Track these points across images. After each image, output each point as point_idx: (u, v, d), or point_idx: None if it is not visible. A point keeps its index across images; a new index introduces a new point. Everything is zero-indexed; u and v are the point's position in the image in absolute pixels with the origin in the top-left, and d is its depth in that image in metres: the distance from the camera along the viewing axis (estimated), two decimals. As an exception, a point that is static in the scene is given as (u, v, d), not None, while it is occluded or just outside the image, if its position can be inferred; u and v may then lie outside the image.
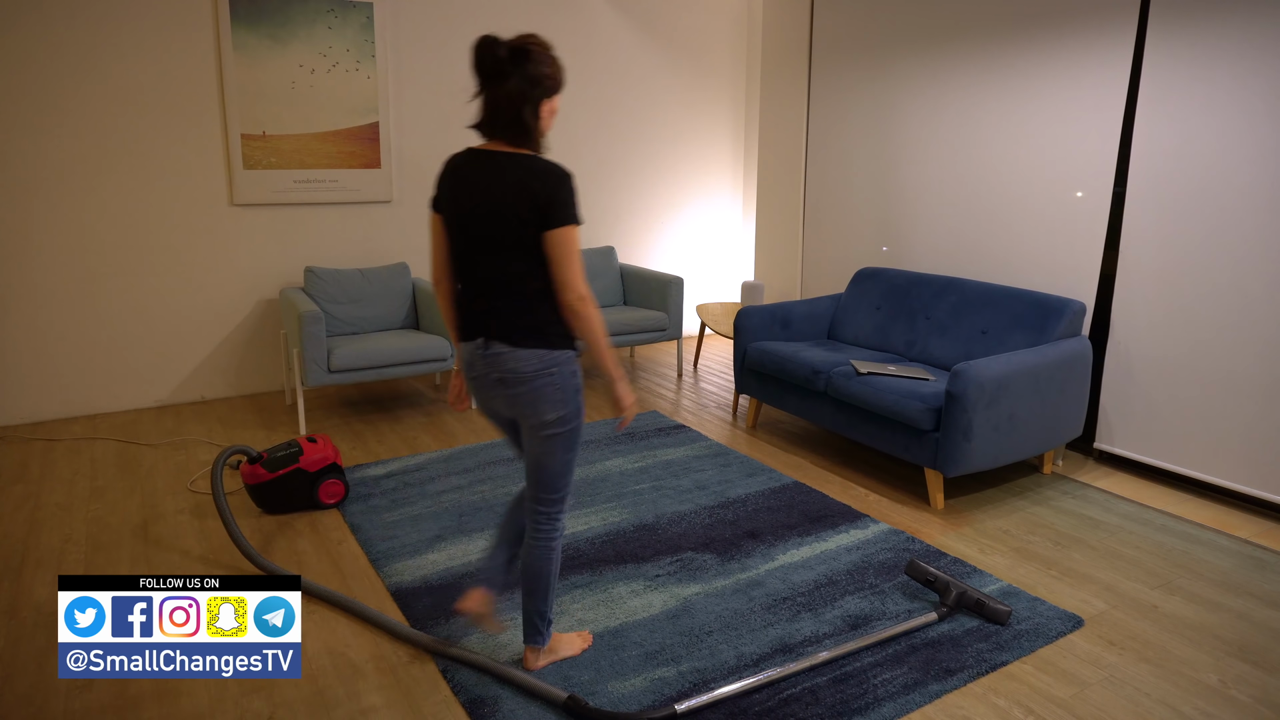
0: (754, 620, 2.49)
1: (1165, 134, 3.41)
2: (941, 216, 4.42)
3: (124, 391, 4.40)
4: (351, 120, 4.65)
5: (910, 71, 4.53)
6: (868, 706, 2.11)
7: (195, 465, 3.66)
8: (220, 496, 2.81)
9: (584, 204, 5.62)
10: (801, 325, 4.35)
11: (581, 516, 3.16)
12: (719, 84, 5.94)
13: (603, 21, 5.39)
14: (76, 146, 4.07)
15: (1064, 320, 3.52)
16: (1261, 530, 3.15)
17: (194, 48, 4.23)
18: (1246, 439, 3.26)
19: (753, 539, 3.00)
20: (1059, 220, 3.83)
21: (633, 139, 5.65)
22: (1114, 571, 2.83)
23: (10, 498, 3.31)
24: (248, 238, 4.53)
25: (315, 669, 2.26)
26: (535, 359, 1.96)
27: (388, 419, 4.31)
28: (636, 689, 2.17)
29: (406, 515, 3.17)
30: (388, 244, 4.91)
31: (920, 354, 3.96)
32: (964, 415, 3.11)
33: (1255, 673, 2.29)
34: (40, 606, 2.53)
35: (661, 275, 5.07)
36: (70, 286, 4.17)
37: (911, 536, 3.04)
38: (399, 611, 2.54)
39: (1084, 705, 2.15)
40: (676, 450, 3.85)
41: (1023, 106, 3.95)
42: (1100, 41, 3.60)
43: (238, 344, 4.63)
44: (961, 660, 2.31)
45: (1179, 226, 3.39)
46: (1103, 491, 3.50)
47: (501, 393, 2.02)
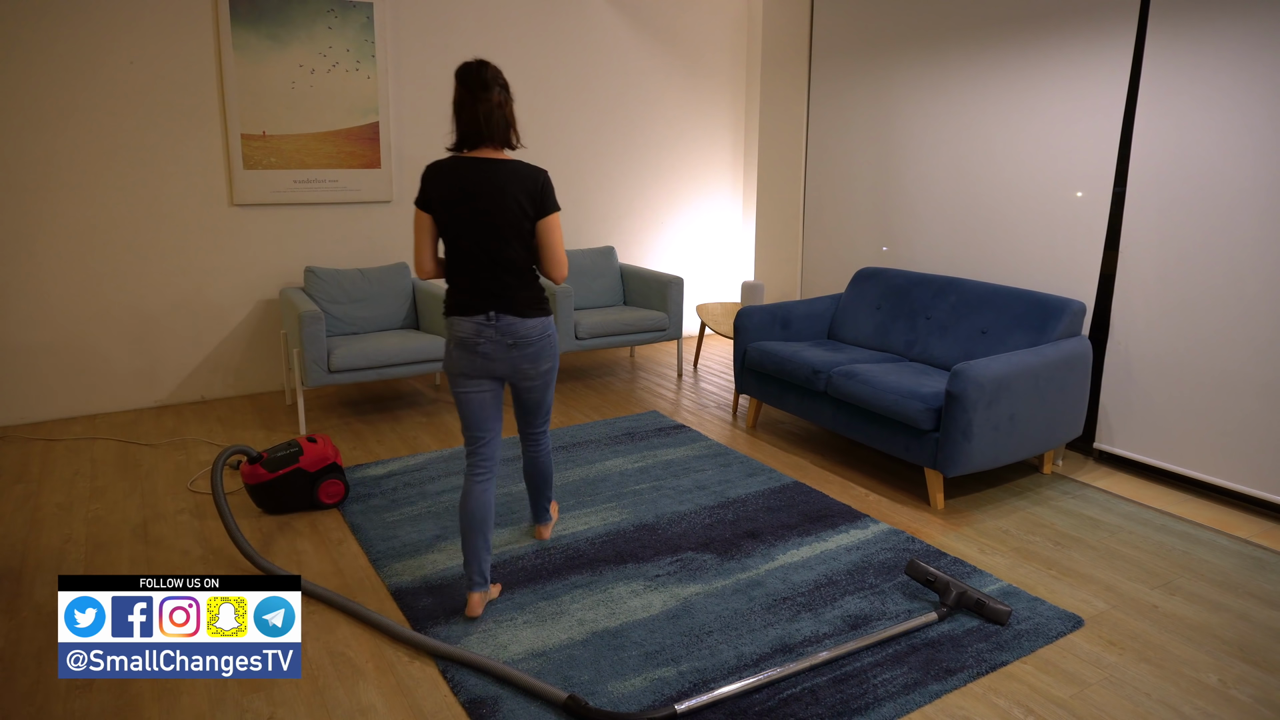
0: (754, 620, 2.49)
1: (1165, 134, 3.41)
2: (941, 216, 4.43)
3: (124, 391, 4.40)
4: (351, 120, 4.65)
5: (910, 71, 4.53)
6: (868, 706, 2.11)
7: (195, 465, 3.66)
8: (220, 496, 2.81)
9: (583, 204, 5.67)
10: (801, 325, 4.35)
11: (581, 516, 3.16)
12: (719, 84, 5.94)
13: (603, 21, 5.39)
14: (77, 146, 4.07)
15: (1064, 320, 3.52)
16: (1261, 530, 3.15)
17: (194, 48, 4.23)
18: (1246, 439, 3.26)
19: (753, 539, 3.00)
20: (1059, 220, 3.83)
21: (633, 139, 5.65)
22: (1114, 571, 2.83)
23: (10, 498, 3.31)
24: (248, 238, 4.53)
25: (315, 669, 2.26)
26: (540, 325, 2.47)
27: (388, 419, 4.31)
28: (636, 689, 2.17)
29: (406, 515, 3.17)
30: (388, 244, 4.91)
31: (920, 354, 3.96)
32: (964, 415, 3.11)
33: (1255, 673, 2.29)
34: (40, 606, 2.53)
35: (661, 275, 5.07)
36: (70, 286, 4.17)
37: (911, 536, 3.04)
38: (399, 612, 2.54)
39: (1084, 705, 2.15)
40: (676, 450, 3.85)
41: (1023, 106, 3.95)
42: (1100, 41, 3.60)
43: (238, 344, 4.63)
44: (961, 660, 2.31)
45: (1178, 226, 3.39)
46: (1103, 491, 3.50)
47: (509, 355, 2.45)
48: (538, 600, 2.59)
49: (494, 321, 2.41)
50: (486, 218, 2.35)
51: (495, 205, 2.34)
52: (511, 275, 2.40)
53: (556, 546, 2.92)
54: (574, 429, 4.13)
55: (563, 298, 4.60)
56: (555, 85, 5.28)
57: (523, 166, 2.40)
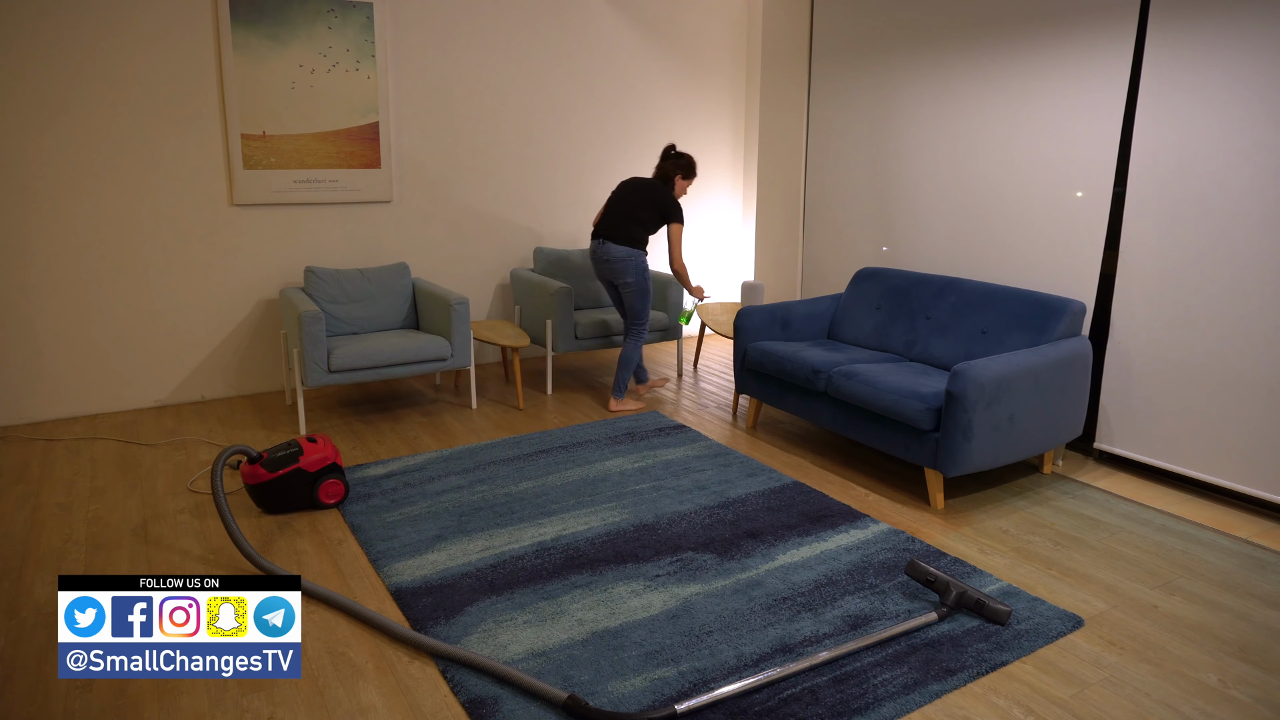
0: (754, 620, 2.49)
1: (1165, 134, 3.41)
2: (941, 216, 4.43)
3: (124, 391, 4.40)
4: (351, 120, 4.65)
5: (910, 72, 4.54)
6: (868, 706, 2.11)
7: (195, 465, 3.67)
8: (220, 496, 2.81)
9: (583, 203, 5.69)
10: (801, 325, 4.36)
11: (581, 516, 3.16)
12: (719, 84, 5.94)
13: (603, 21, 5.39)
14: (77, 146, 4.07)
15: (1064, 320, 3.52)
16: (1261, 530, 3.15)
17: (194, 48, 4.23)
18: (1246, 439, 3.26)
19: (753, 539, 3.00)
20: (1059, 220, 3.83)
21: (633, 139, 5.65)
22: (1114, 571, 2.83)
23: (10, 498, 3.31)
24: (248, 238, 4.54)
25: (315, 669, 2.26)
26: (623, 251, 4.29)
27: (388, 419, 4.31)
28: (636, 689, 2.18)
29: (406, 515, 3.17)
30: (388, 244, 4.91)
31: (920, 354, 3.96)
32: (964, 415, 3.11)
33: (1255, 673, 2.29)
34: (40, 606, 2.53)
35: (661, 275, 5.07)
36: (70, 286, 4.17)
37: (911, 536, 3.04)
38: (399, 612, 2.54)
39: (1084, 705, 2.15)
40: (676, 450, 3.86)
41: (1023, 106, 3.96)
42: (1100, 42, 3.60)
43: (238, 344, 4.63)
44: (961, 660, 2.31)
45: (1179, 226, 3.39)
46: (1103, 491, 3.50)
47: (605, 268, 4.36)
48: (538, 600, 2.59)
49: (600, 244, 4.36)
50: (632, 202, 4.39)
51: (642, 200, 4.36)
52: (629, 225, 4.32)
53: (556, 546, 2.93)
54: (574, 429, 4.13)
55: (563, 298, 4.60)
56: (555, 85, 5.28)
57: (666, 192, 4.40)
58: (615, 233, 4.27)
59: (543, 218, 5.43)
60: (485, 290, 5.32)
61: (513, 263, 5.36)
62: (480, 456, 3.75)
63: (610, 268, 4.32)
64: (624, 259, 4.26)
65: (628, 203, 4.31)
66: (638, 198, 4.31)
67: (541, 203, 5.40)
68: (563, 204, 5.48)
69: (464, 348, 4.30)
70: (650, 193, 4.31)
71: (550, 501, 3.29)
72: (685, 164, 4.37)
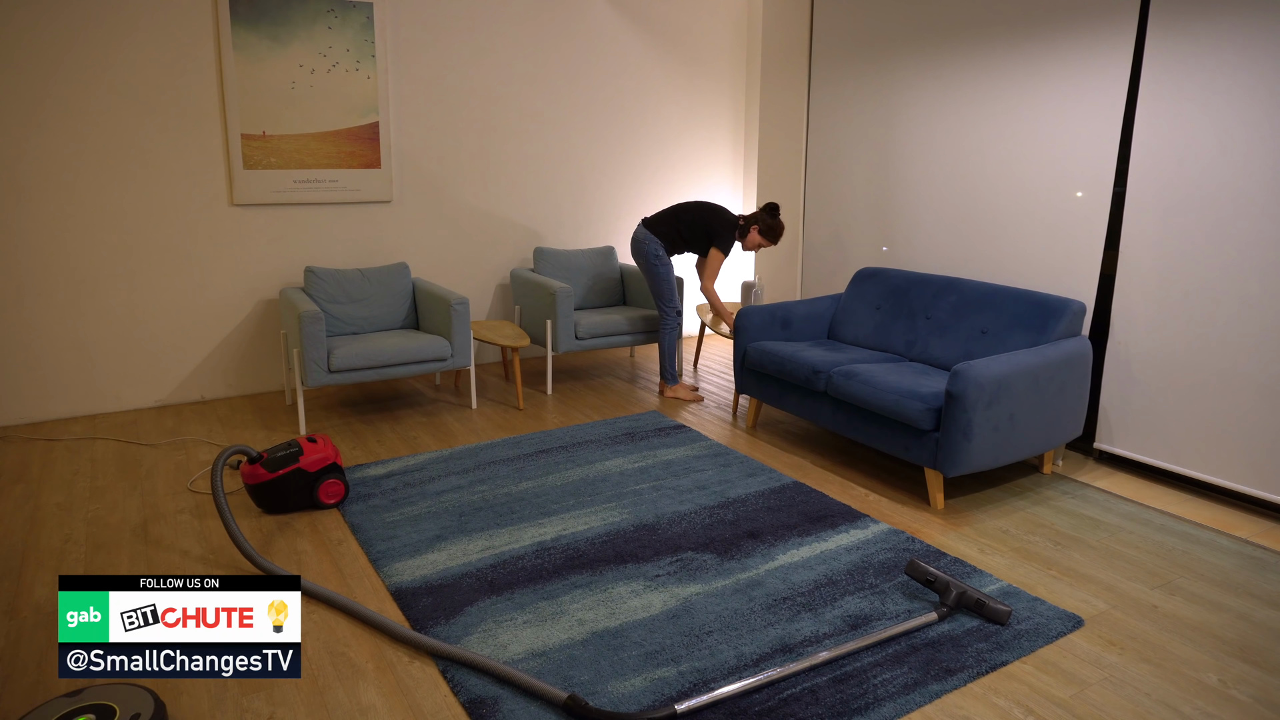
0: (754, 620, 2.49)
1: (1165, 134, 3.41)
2: (941, 216, 4.43)
3: (124, 391, 4.40)
4: (351, 120, 4.65)
5: (910, 71, 4.54)
6: (868, 706, 2.11)
7: (195, 465, 3.67)
8: (220, 496, 2.81)
9: (583, 204, 5.66)
10: (801, 325, 4.36)
11: (581, 516, 3.17)
12: (719, 84, 5.94)
13: (603, 21, 5.39)
14: (76, 146, 4.07)
15: (1064, 320, 3.52)
16: (1261, 530, 3.15)
17: (194, 48, 4.23)
18: (1246, 439, 3.26)
19: (753, 539, 3.00)
20: (1059, 220, 3.83)
21: (632, 139, 5.65)
22: (1114, 571, 2.83)
23: (10, 498, 3.31)
24: (248, 238, 4.54)
25: (315, 669, 2.26)
26: (643, 233, 4.58)
27: (388, 419, 4.31)
28: (636, 689, 2.18)
29: (406, 515, 3.17)
30: (388, 244, 4.91)
31: (920, 354, 3.96)
32: (964, 415, 3.11)
33: (1255, 673, 2.29)
34: (40, 606, 2.53)
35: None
36: (70, 286, 4.17)
37: (911, 536, 3.04)
38: (399, 612, 2.54)
39: (1084, 705, 2.15)
40: (676, 450, 3.86)
41: (1023, 106, 3.96)
42: (1100, 42, 3.60)
43: (238, 344, 4.63)
44: (961, 660, 2.31)
45: (1179, 226, 3.39)
46: (1103, 491, 3.50)
47: (633, 248, 4.65)
48: (538, 600, 2.59)
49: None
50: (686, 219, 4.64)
51: (694, 219, 4.62)
52: (671, 226, 4.60)
53: (556, 546, 2.93)
54: (574, 429, 4.13)
55: (563, 297, 4.60)
56: (555, 85, 5.28)
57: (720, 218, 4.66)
58: (651, 220, 4.61)
59: (543, 218, 5.43)
60: (485, 290, 5.32)
61: (513, 263, 5.36)
62: (480, 456, 3.75)
63: (634, 247, 4.62)
64: (642, 239, 4.56)
65: (686, 208, 4.59)
66: (699, 211, 4.55)
67: (541, 203, 5.40)
68: (563, 204, 5.48)
69: (464, 348, 4.30)
70: (713, 214, 4.51)
71: (550, 501, 3.29)
72: (772, 225, 4.49)
